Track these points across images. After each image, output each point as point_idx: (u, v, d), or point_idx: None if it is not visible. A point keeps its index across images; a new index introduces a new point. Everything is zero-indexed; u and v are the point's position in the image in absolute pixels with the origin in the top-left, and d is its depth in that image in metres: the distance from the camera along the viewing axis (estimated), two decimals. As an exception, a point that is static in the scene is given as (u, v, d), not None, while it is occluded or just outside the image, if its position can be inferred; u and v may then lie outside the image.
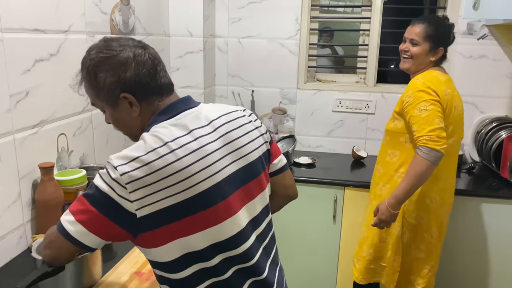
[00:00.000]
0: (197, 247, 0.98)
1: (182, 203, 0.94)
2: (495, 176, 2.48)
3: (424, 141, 1.75)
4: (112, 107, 1.02)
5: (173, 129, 0.98)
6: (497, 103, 2.69)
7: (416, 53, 1.92)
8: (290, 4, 2.77)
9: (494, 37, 2.61)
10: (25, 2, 1.45)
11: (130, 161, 0.91)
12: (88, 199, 0.94)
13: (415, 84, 1.86)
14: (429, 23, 1.92)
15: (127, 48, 1.00)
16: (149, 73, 1.00)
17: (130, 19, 2.17)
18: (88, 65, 1.01)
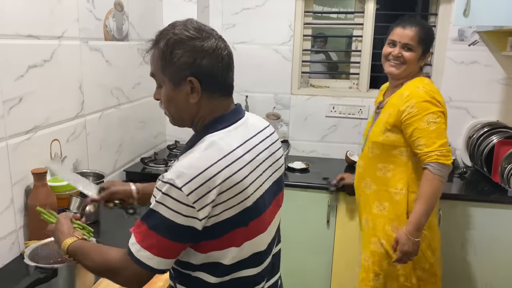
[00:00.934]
0: (245, 254, 1.01)
1: (239, 214, 0.95)
2: (486, 180, 2.50)
3: (436, 156, 1.65)
4: (173, 85, 0.99)
5: (230, 140, 0.98)
6: (488, 108, 2.72)
7: (411, 58, 1.78)
8: (284, 10, 2.79)
9: (485, 43, 2.64)
10: (19, 8, 1.46)
11: (194, 177, 0.89)
12: (156, 230, 0.91)
13: (418, 94, 1.70)
14: (421, 26, 1.80)
15: (211, 37, 0.98)
16: (222, 69, 0.99)
17: (124, 25, 2.17)
18: (170, 38, 0.97)
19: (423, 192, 1.69)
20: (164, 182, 0.90)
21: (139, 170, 2.27)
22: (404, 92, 1.76)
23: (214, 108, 1.01)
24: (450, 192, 2.43)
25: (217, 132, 0.99)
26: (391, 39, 1.84)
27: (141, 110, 2.42)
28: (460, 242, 2.35)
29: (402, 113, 1.71)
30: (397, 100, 1.77)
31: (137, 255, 0.94)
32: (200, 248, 0.97)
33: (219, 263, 0.99)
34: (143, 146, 2.51)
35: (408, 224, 1.71)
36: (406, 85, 1.80)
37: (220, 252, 0.98)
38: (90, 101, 1.90)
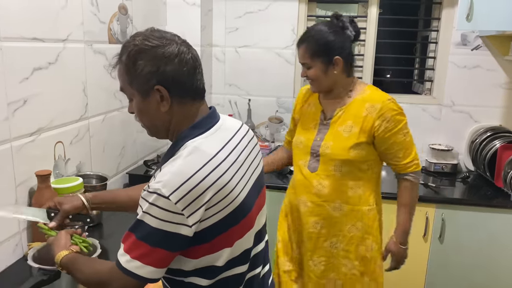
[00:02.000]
0: (235, 254, 1.01)
1: (229, 215, 0.96)
2: (489, 185, 2.50)
3: (414, 166, 1.70)
4: (142, 96, 0.98)
5: (212, 144, 0.98)
6: (491, 113, 2.72)
7: (314, 75, 1.67)
8: (287, 14, 2.81)
9: (487, 47, 2.64)
10: (24, 11, 1.47)
11: (181, 185, 0.88)
12: (145, 240, 0.91)
13: (391, 107, 1.65)
14: (307, 41, 1.67)
15: (173, 43, 0.97)
16: (188, 73, 0.98)
17: (128, 28, 2.19)
18: (131, 50, 0.97)
19: (407, 201, 1.74)
20: (150, 192, 0.89)
21: (142, 173, 2.27)
22: (372, 104, 1.66)
23: (187, 114, 1.01)
24: (453, 196, 2.43)
25: (196, 137, 0.98)
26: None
27: (144, 113, 2.43)
28: (463, 247, 2.34)
29: (378, 128, 1.64)
30: (359, 112, 1.66)
31: (126, 266, 0.93)
32: (191, 254, 0.97)
33: (213, 266, 0.99)
34: (146, 149, 2.52)
35: (399, 235, 1.78)
36: (366, 96, 1.68)
37: (213, 256, 0.98)
38: (93, 103, 1.91)
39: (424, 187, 2.47)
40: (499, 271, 2.34)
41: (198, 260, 0.98)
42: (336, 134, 1.69)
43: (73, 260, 1.08)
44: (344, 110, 1.70)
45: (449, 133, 2.78)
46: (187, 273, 1.00)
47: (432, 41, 2.83)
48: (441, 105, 2.77)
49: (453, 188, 2.55)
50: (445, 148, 2.73)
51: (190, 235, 0.91)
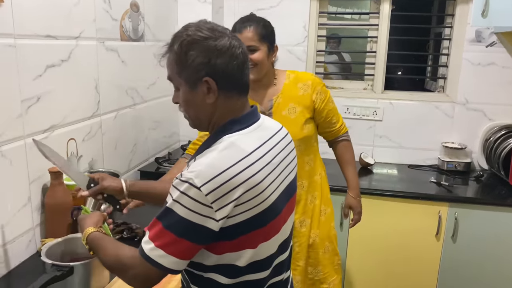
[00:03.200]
0: (259, 257, 1.00)
1: (257, 216, 0.94)
2: (504, 184, 2.46)
3: (345, 127, 1.92)
4: (189, 87, 0.98)
5: (249, 141, 0.98)
6: (506, 111, 2.68)
7: (259, 58, 1.68)
8: (298, 11, 2.79)
9: (503, 44, 2.60)
10: (38, 9, 1.47)
11: (213, 177, 0.88)
12: (171, 229, 0.90)
13: (317, 80, 1.82)
14: (256, 22, 1.70)
15: (225, 36, 0.98)
16: (237, 67, 0.98)
17: (139, 25, 2.19)
18: (183, 40, 0.96)
19: (350, 158, 1.95)
20: (183, 181, 0.89)
21: (153, 170, 2.28)
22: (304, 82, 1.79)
23: (230, 109, 1.00)
24: (466, 195, 2.41)
25: (235, 133, 0.98)
26: None
27: (155, 110, 2.44)
28: (476, 246, 2.32)
29: (316, 101, 1.80)
30: (295, 93, 1.78)
31: (149, 253, 0.92)
32: (214, 249, 0.96)
33: (234, 265, 0.98)
34: (157, 146, 2.53)
35: (352, 189, 1.96)
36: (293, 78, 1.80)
37: (235, 254, 0.97)
38: (105, 101, 1.92)
39: (437, 186, 2.44)
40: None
41: (220, 256, 0.96)
42: (283, 119, 1.75)
43: (100, 238, 1.09)
44: (280, 96, 1.79)
45: (462, 131, 2.74)
46: (207, 268, 0.99)
47: (446, 38, 2.79)
48: (454, 103, 2.73)
49: (466, 187, 2.52)
50: (458, 146, 2.70)
51: (216, 230, 0.90)
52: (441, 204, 2.31)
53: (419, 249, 2.37)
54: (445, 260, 2.36)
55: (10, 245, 1.41)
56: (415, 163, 2.80)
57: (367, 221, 2.32)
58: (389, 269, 2.43)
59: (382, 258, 2.41)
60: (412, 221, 2.34)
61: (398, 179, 2.61)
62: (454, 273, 2.37)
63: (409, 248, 2.38)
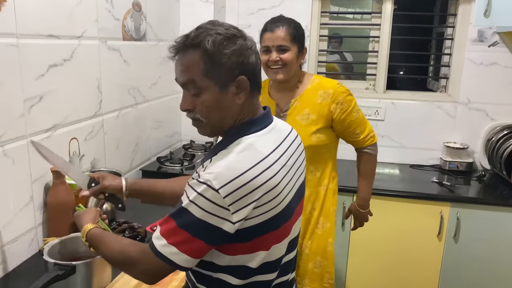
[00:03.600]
0: (270, 258, 0.99)
1: (273, 218, 0.94)
2: (506, 184, 2.46)
3: (371, 139, 1.82)
4: (219, 88, 0.93)
5: (266, 143, 0.97)
6: (508, 111, 2.67)
7: (290, 59, 1.68)
8: (300, 10, 2.78)
9: (505, 44, 2.59)
10: (40, 9, 1.48)
11: (232, 180, 0.87)
12: (186, 229, 0.89)
13: (341, 90, 1.74)
14: (288, 23, 1.70)
15: (246, 36, 0.97)
16: (260, 66, 1.00)
17: (141, 25, 2.19)
18: (215, 38, 0.91)
19: (368, 171, 1.88)
20: (200, 182, 0.88)
21: (155, 169, 2.28)
22: (325, 91, 1.74)
23: (252, 109, 0.99)
24: (468, 195, 2.40)
25: (251, 134, 0.96)
26: (264, 46, 1.72)
27: (157, 110, 2.44)
28: (478, 246, 2.31)
29: (335, 111, 1.73)
30: (313, 100, 1.74)
31: (161, 249, 0.92)
32: (227, 250, 0.95)
33: (246, 266, 0.97)
34: (159, 145, 2.53)
35: (359, 199, 1.92)
36: (316, 84, 1.76)
37: (248, 256, 0.96)
38: (108, 100, 1.92)
39: (439, 186, 2.44)
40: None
41: (233, 257, 0.96)
42: (295, 123, 1.73)
43: (101, 234, 1.08)
44: (299, 100, 1.77)
45: (464, 131, 2.74)
46: (217, 268, 0.98)
47: (448, 38, 2.79)
48: (456, 103, 2.73)
49: (468, 186, 2.52)
50: (460, 146, 2.69)
51: (232, 232, 0.90)
52: (443, 204, 2.31)
53: (421, 249, 2.37)
54: (447, 260, 2.36)
55: (12, 244, 1.42)
56: (417, 163, 2.80)
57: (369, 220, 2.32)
58: (390, 269, 2.43)
59: (383, 257, 2.41)
60: (414, 221, 2.34)
61: (400, 179, 2.61)
62: (456, 273, 2.36)
63: (411, 248, 2.38)
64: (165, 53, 1.05)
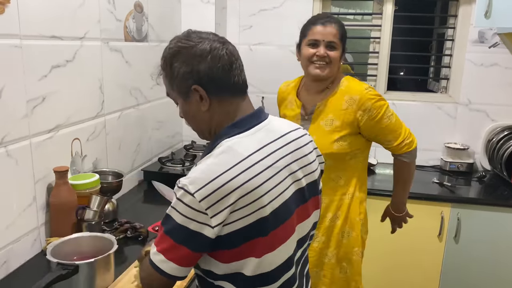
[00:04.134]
0: (266, 269, 0.97)
1: (255, 223, 0.91)
2: (506, 185, 2.46)
3: (406, 147, 1.71)
4: (183, 98, 1.00)
5: (247, 145, 0.95)
6: (508, 111, 2.68)
7: (336, 57, 1.65)
8: (301, 11, 2.79)
9: (505, 45, 2.60)
10: (43, 10, 1.49)
11: (207, 183, 0.87)
12: (170, 235, 0.91)
13: (369, 96, 1.64)
14: (339, 22, 1.68)
15: (205, 40, 0.97)
16: (223, 69, 0.96)
17: (143, 26, 2.20)
18: (167, 54, 1.00)
19: (403, 178, 1.81)
20: (179, 187, 0.89)
21: (157, 170, 2.29)
22: (351, 96, 1.66)
23: (227, 112, 0.99)
24: (469, 196, 2.41)
25: (233, 136, 0.96)
26: (312, 39, 1.66)
27: (158, 110, 2.45)
28: (478, 247, 2.32)
29: (361, 118, 1.65)
30: (339, 105, 1.68)
31: (152, 258, 0.94)
32: (220, 258, 0.94)
33: (241, 274, 0.95)
34: (161, 146, 2.54)
35: (393, 204, 1.90)
36: (344, 88, 1.69)
37: (240, 262, 0.94)
38: (110, 101, 1.93)
39: (440, 186, 2.45)
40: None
41: (227, 265, 0.95)
42: (318, 128, 1.70)
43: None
44: (324, 104, 1.71)
45: (465, 131, 2.74)
46: (217, 276, 0.97)
47: (449, 39, 2.79)
48: (457, 104, 2.73)
49: (469, 187, 2.52)
50: (461, 147, 2.70)
51: (213, 237, 0.89)
52: (443, 205, 2.31)
53: (422, 250, 2.38)
54: (447, 260, 2.36)
55: (15, 244, 1.42)
56: (418, 163, 2.75)
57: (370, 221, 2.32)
58: (391, 270, 2.43)
59: (384, 258, 2.41)
60: (414, 221, 2.33)
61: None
62: (456, 273, 2.37)
63: (412, 249, 2.39)
64: None
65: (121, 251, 1.52)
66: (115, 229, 1.66)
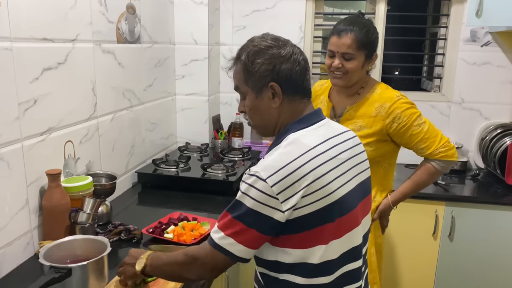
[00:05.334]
0: (332, 256, 1.03)
1: (323, 209, 0.98)
2: (500, 182, 2.48)
3: (441, 154, 1.65)
4: (255, 93, 1.08)
5: (312, 137, 1.04)
6: (501, 110, 2.70)
7: (352, 68, 1.63)
8: (294, 12, 2.80)
9: (497, 44, 2.62)
10: (34, 12, 1.48)
11: (278, 170, 0.95)
12: (240, 219, 0.98)
13: (399, 104, 1.65)
14: (359, 29, 1.61)
15: (288, 45, 1.08)
16: (300, 72, 1.07)
17: (136, 27, 2.19)
18: (250, 50, 1.07)
19: (419, 179, 1.74)
20: (251, 174, 0.97)
21: (151, 172, 2.28)
22: (381, 104, 1.67)
23: (294, 111, 1.09)
24: (463, 194, 2.42)
25: (299, 131, 1.05)
26: (329, 50, 1.67)
27: (152, 112, 2.44)
28: (473, 245, 2.33)
29: (390, 127, 1.66)
30: (369, 112, 1.69)
31: (218, 242, 1.00)
32: (289, 244, 1.00)
33: (307, 264, 1.01)
34: (155, 147, 2.53)
35: (394, 193, 1.80)
36: (376, 95, 1.70)
37: (308, 251, 1.00)
38: (102, 103, 1.93)
39: (434, 185, 2.46)
40: (510, 268, 2.32)
41: (297, 252, 1.00)
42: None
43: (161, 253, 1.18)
44: (354, 108, 1.71)
45: (458, 130, 2.76)
46: (282, 269, 1.03)
47: (441, 38, 2.81)
48: (450, 102, 2.75)
49: (462, 185, 2.54)
50: (455, 145, 2.70)
51: (283, 221, 0.96)
52: (438, 203, 2.32)
53: (416, 248, 2.39)
54: (442, 259, 2.37)
55: (8, 248, 1.41)
56: (412, 162, 2.80)
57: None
58: (386, 268, 2.44)
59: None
60: (409, 220, 2.35)
61: (395, 179, 2.58)
62: (451, 271, 2.38)
63: (407, 247, 2.39)
64: (160, 56, 1.10)
65: (115, 254, 1.51)
66: (109, 231, 1.65)
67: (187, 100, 2.78)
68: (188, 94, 2.75)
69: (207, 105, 2.77)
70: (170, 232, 1.65)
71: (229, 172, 2.25)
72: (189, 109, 2.79)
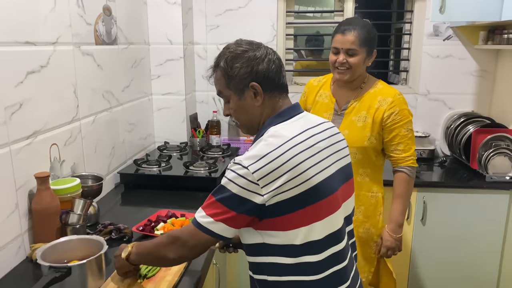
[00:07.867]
0: (315, 237, 1.10)
1: (303, 194, 1.06)
2: (465, 168, 2.64)
3: (412, 161, 1.81)
4: (238, 95, 1.16)
5: (291, 129, 1.13)
6: (463, 99, 2.87)
7: (355, 62, 1.76)
8: (266, 10, 2.86)
9: (458, 37, 2.78)
10: (15, 16, 1.47)
11: (259, 159, 1.04)
12: (222, 202, 1.07)
13: (400, 101, 1.80)
14: (361, 27, 1.75)
15: (261, 47, 1.17)
16: (276, 71, 1.16)
17: (112, 29, 2.20)
18: (227, 56, 1.15)
19: (401, 193, 1.83)
20: (235, 163, 1.06)
21: (133, 172, 2.30)
22: (384, 97, 1.80)
23: (274, 107, 1.18)
24: (432, 180, 2.56)
25: (278, 124, 1.14)
26: (334, 47, 1.80)
27: (130, 113, 2.45)
28: (444, 227, 2.47)
29: (387, 119, 1.79)
30: (373, 104, 1.81)
31: (199, 220, 1.09)
32: (270, 226, 1.08)
33: (293, 245, 1.08)
34: (134, 148, 2.54)
35: (390, 223, 1.85)
36: (378, 90, 1.83)
37: (292, 232, 1.08)
38: (84, 105, 1.93)
39: (405, 173, 2.58)
40: (479, 247, 2.48)
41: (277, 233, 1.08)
42: (351, 123, 1.82)
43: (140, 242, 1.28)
44: (358, 101, 1.84)
45: (425, 120, 2.91)
46: (270, 251, 1.11)
47: (406, 33, 2.94)
48: (417, 94, 2.89)
49: (431, 172, 2.68)
50: (422, 134, 2.86)
51: (262, 203, 1.04)
52: (410, 190, 2.44)
53: (392, 233, 2.50)
54: (416, 242, 2.50)
55: (0, 253, 1.41)
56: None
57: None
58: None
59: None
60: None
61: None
62: (425, 253, 2.51)
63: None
64: (136, 56, 1.15)
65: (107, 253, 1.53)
66: (99, 231, 1.67)
67: (164, 99, 2.79)
68: (165, 94, 2.77)
69: (184, 104, 2.79)
70: (160, 229, 1.68)
71: (211, 169, 2.30)
72: (166, 108, 2.81)
